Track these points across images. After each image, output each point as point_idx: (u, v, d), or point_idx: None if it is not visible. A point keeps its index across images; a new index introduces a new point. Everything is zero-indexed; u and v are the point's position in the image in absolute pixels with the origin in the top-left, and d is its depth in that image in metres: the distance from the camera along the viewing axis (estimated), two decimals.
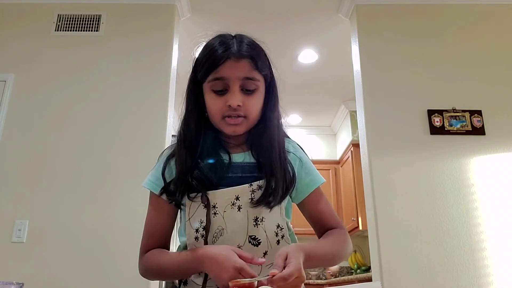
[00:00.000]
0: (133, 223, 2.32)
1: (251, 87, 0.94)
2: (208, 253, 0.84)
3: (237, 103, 0.92)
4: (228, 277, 0.78)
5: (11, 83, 2.64)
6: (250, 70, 0.93)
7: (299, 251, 0.82)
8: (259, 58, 0.96)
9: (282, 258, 0.79)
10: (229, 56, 0.92)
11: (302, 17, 3.20)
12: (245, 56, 0.93)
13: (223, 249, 0.84)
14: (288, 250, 0.81)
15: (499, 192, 2.43)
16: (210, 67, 0.93)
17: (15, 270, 2.25)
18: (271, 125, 0.99)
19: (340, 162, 4.91)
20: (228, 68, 0.92)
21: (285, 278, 0.75)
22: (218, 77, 0.93)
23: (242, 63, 0.93)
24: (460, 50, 2.76)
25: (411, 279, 2.25)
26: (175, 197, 0.93)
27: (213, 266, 0.82)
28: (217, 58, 0.92)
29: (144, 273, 0.97)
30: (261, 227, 0.92)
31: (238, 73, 0.92)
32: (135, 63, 2.73)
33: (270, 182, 0.92)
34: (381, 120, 2.60)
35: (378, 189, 2.43)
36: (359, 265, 4.30)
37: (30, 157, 2.49)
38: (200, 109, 0.99)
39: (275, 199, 0.92)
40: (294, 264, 0.77)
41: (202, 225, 0.91)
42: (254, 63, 0.94)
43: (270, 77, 1.00)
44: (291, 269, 0.76)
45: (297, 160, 1.02)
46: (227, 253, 0.82)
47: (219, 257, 0.81)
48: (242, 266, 0.79)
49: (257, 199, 0.91)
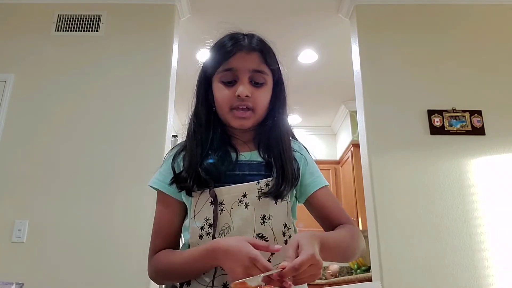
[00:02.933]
0: (133, 223, 2.33)
1: (259, 80, 0.97)
2: (221, 246, 0.81)
3: (246, 93, 0.94)
4: (243, 269, 0.75)
5: (11, 83, 2.64)
6: (260, 63, 0.97)
7: (312, 237, 0.78)
8: (269, 52, 0.99)
9: (293, 248, 0.76)
10: (240, 49, 0.95)
11: (302, 17, 3.20)
12: (255, 50, 0.96)
13: (236, 240, 0.81)
14: (299, 239, 0.77)
15: (499, 192, 2.42)
16: (220, 59, 0.96)
17: (15, 270, 2.25)
18: (279, 122, 1.00)
19: (340, 162, 4.91)
20: (239, 59, 0.95)
21: (295, 268, 0.71)
22: (229, 67, 0.96)
23: (252, 56, 0.96)
24: (460, 50, 2.76)
25: (411, 279, 2.25)
26: (186, 184, 0.92)
27: (227, 258, 0.79)
28: (228, 50, 0.95)
29: (154, 275, 0.93)
30: (268, 225, 0.91)
31: (248, 65, 0.95)
32: (135, 63, 2.73)
33: (280, 173, 0.93)
34: (381, 120, 2.60)
35: (378, 189, 2.43)
36: (359, 265, 4.29)
37: (30, 157, 2.49)
38: (209, 104, 1.00)
39: (285, 190, 0.92)
40: (305, 252, 0.73)
41: (208, 222, 0.90)
42: (264, 56, 0.97)
43: (278, 73, 1.03)
44: (302, 258, 0.72)
45: (302, 159, 1.02)
46: (241, 244, 0.78)
47: (233, 248, 0.78)
48: (256, 257, 0.75)
49: (266, 191, 0.91)
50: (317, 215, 1.02)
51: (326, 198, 1.01)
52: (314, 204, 1.01)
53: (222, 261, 0.80)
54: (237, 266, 0.76)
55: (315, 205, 1.01)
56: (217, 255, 0.81)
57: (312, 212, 1.02)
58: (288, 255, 0.75)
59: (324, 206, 1.00)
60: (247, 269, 0.75)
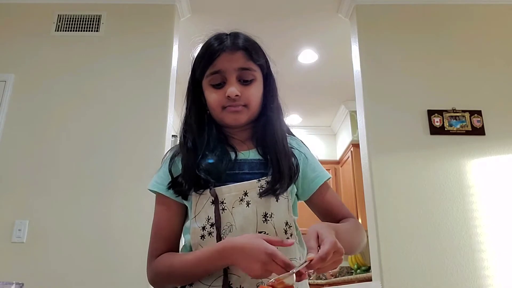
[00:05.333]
0: (133, 223, 2.33)
1: (248, 77, 0.97)
2: (236, 244, 0.79)
3: (235, 93, 0.94)
4: (261, 265, 0.75)
5: (11, 83, 2.64)
6: (245, 61, 0.96)
7: (329, 227, 0.79)
8: (253, 49, 0.99)
9: (314, 239, 0.75)
10: (223, 49, 0.95)
11: (302, 17, 3.20)
12: (239, 48, 0.96)
13: (249, 237, 0.80)
14: (317, 229, 0.77)
15: (499, 193, 2.42)
16: (206, 62, 0.96)
17: (15, 270, 2.25)
18: (272, 116, 1.00)
19: (340, 162, 4.91)
20: (224, 60, 0.95)
21: (322, 258, 0.71)
22: (215, 70, 0.96)
23: (237, 55, 0.96)
24: (460, 50, 2.76)
25: (411, 279, 2.25)
26: (182, 188, 0.92)
27: (243, 256, 0.77)
28: (212, 53, 0.95)
29: (154, 279, 0.91)
30: (270, 223, 0.90)
31: (233, 65, 0.95)
32: (135, 63, 2.73)
33: (274, 171, 0.93)
34: (381, 120, 2.60)
35: (378, 189, 2.43)
36: (359, 265, 4.29)
37: (30, 157, 2.49)
38: (201, 108, 1.01)
39: (281, 187, 0.91)
40: (328, 240, 0.73)
41: (209, 222, 0.89)
42: (249, 53, 0.97)
43: (266, 67, 1.02)
44: (327, 247, 0.72)
45: (302, 156, 1.02)
46: (255, 241, 0.77)
47: (248, 246, 0.77)
48: (273, 252, 0.75)
49: (265, 188, 0.91)
50: (319, 210, 1.02)
51: (328, 194, 1.01)
52: (317, 200, 1.01)
53: (238, 260, 0.79)
54: (254, 263, 0.76)
55: (317, 200, 1.01)
56: (232, 254, 0.80)
57: (314, 207, 1.02)
58: (310, 246, 0.75)
59: (326, 201, 1.00)
60: (265, 265, 0.75)
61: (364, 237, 0.98)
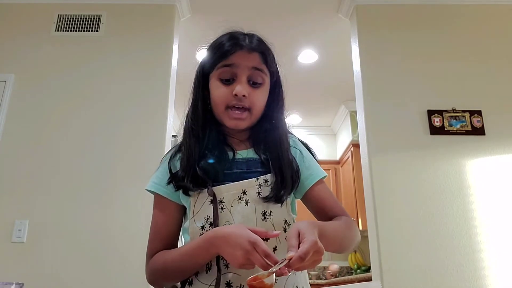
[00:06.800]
0: (133, 223, 2.33)
1: (258, 79, 0.97)
2: (220, 233, 0.80)
3: (243, 93, 0.93)
4: (243, 252, 0.75)
5: (11, 83, 2.64)
6: (260, 62, 0.96)
7: (311, 225, 0.78)
8: (269, 54, 0.99)
9: (295, 237, 0.75)
10: (241, 47, 0.95)
11: (302, 17, 3.20)
12: (256, 50, 0.96)
13: (234, 227, 0.81)
14: (299, 227, 0.77)
15: (499, 193, 2.42)
16: (220, 56, 0.95)
17: (15, 270, 2.25)
18: (277, 126, 1.00)
19: (340, 162, 4.91)
20: (239, 57, 0.95)
21: (301, 257, 0.71)
22: (228, 63, 0.95)
23: (253, 55, 0.96)
24: (460, 50, 2.76)
25: (411, 279, 2.25)
26: (183, 182, 0.92)
27: (226, 244, 0.78)
28: (229, 48, 0.95)
29: (151, 277, 0.92)
30: (270, 222, 0.91)
31: (248, 62, 0.95)
32: (135, 63, 2.73)
33: (278, 178, 0.93)
34: (381, 120, 2.60)
35: (378, 189, 2.43)
36: (359, 265, 4.30)
37: (30, 157, 2.49)
38: (205, 102, 1.00)
39: (285, 194, 0.92)
40: (308, 240, 0.73)
41: (208, 221, 0.90)
42: (264, 57, 0.97)
43: (277, 75, 1.03)
44: (306, 246, 0.72)
45: (297, 153, 1.02)
46: (240, 230, 0.78)
47: (232, 234, 0.78)
48: (256, 241, 0.75)
49: (267, 195, 0.91)
50: (313, 207, 1.02)
51: (322, 191, 1.01)
52: (310, 197, 1.00)
53: (222, 247, 0.79)
54: (236, 250, 0.76)
55: (311, 198, 1.01)
56: (216, 242, 0.80)
57: (308, 204, 1.02)
58: (291, 245, 0.74)
59: (319, 198, 1.00)
60: (247, 253, 0.75)
61: (357, 235, 0.97)
